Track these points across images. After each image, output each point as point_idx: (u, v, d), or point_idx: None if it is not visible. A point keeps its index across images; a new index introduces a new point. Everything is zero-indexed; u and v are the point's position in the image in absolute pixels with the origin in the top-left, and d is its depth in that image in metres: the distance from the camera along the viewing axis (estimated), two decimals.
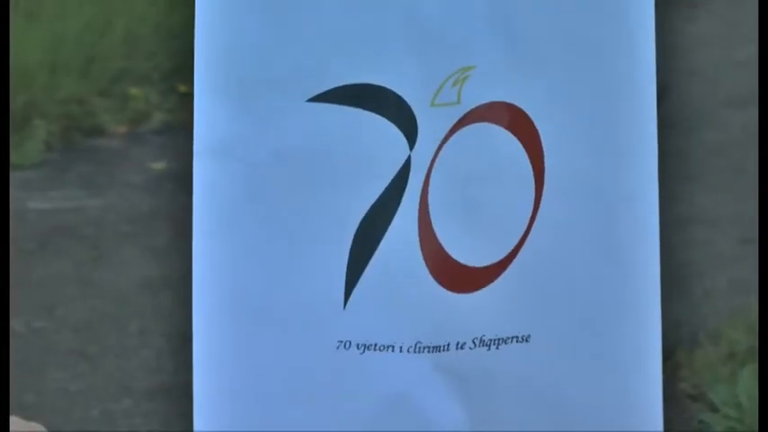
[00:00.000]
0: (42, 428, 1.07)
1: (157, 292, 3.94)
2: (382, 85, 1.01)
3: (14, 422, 1.26)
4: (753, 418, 3.35)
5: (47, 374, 3.60)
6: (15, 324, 3.85)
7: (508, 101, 0.99)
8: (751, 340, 3.62)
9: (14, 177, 4.68)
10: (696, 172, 4.64)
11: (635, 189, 1.02)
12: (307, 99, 1.01)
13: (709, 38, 6.02)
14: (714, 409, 3.33)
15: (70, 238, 4.40)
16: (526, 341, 1.01)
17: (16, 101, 4.92)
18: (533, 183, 1.01)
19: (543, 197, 1.03)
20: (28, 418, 3.46)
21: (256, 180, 1.02)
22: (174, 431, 3.33)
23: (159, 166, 4.73)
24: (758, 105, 0.86)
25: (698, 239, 4.02)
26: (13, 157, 4.76)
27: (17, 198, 4.63)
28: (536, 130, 1.01)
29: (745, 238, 4.11)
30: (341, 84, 1.01)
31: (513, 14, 1.01)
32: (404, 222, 1.02)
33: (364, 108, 1.02)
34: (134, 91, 5.16)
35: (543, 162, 1.02)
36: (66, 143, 4.97)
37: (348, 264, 1.02)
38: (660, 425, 1.07)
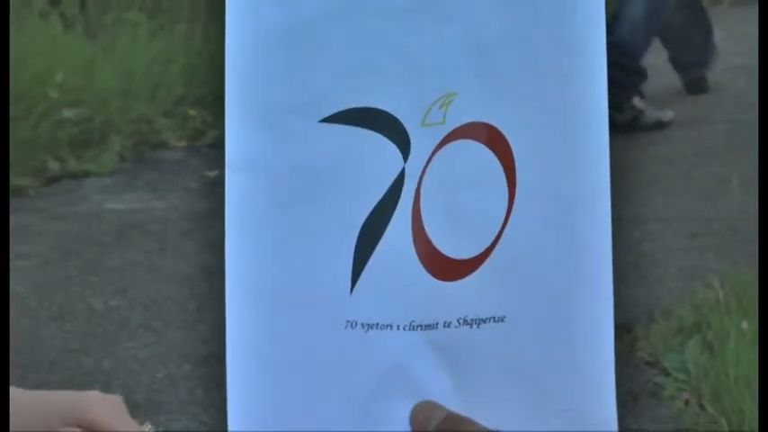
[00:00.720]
0: (119, 398, 1.01)
1: (211, 276, 3.91)
2: (381, 108, 1.00)
3: (94, 395, 1.05)
4: (697, 381, 3.43)
5: (120, 344, 3.67)
6: (95, 303, 3.96)
7: (486, 121, 0.99)
8: (696, 317, 3.69)
9: (93, 183, 4.85)
10: (651, 179, 4.64)
11: (589, 192, 1.01)
12: (319, 120, 0.99)
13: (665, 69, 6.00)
14: (666, 374, 3.41)
15: (139, 232, 4.44)
16: (501, 321, 1.00)
17: (95, 120, 4.97)
18: (506, 189, 1.00)
19: (515, 201, 1.00)
20: (106, 381, 3.43)
21: (276, 188, 1.01)
22: (225, 393, 3.43)
23: (213, 173, 4.74)
24: (758, 105, 0.82)
25: (653, 235, 4.03)
26: (93, 167, 4.89)
27: (96, 200, 4.73)
28: (509, 146, 1.01)
29: (693, 234, 4.13)
30: (347, 107, 1.00)
31: (487, 48, 1.01)
32: (399, 222, 1.00)
33: (366, 127, 1.01)
34: (192, 112, 5.20)
35: (515, 172, 1.00)
36: (137, 155, 4.99)
37: (354, 257, 1.01)
38: (613, 393, 1.02)
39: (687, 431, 3.31)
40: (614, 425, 1.00)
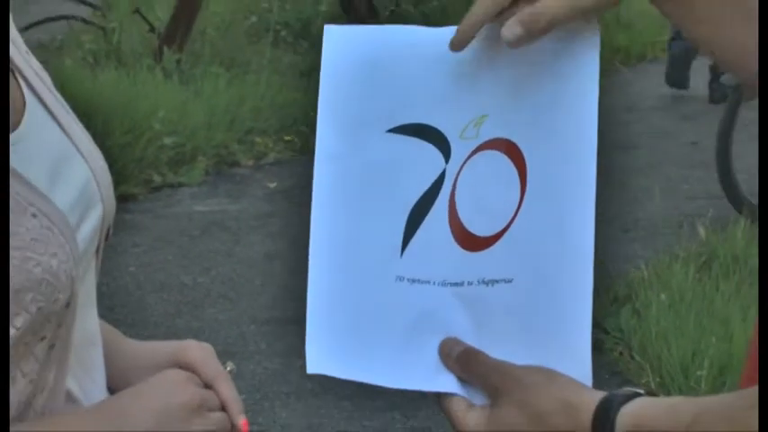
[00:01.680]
0: (210, 345, 1.03)
1: (271, 260, 4.00)
2: (430, 124, 0.99)
3: (191, 342, 1.07)
4: (628, 338, 3.42)
5: (205, 311, 3.68)
6: (186, 279, 3.99)
7: (506, 137, 0.98)
8: (627, 291, 3.66)
9: (185, 191, 4.82)
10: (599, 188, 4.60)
11: (579, 192, 0.98)
12: (385, 131, 0.98)
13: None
14: (606, 332, 3.43)
15: (219, 228, 4.45)
16: (510, 282, 0.98)
17: (187, 146, 4.96)
18: (519, 187, 0.98)
19: (525, 196, 0.99)
20: (194, 338, 3.53)
21: (351, 178, 0.99)
22: (283, 345, 3.30)
23: (272, 185, 4.79)
24: (758, 105, 0.69)
25: (597, 230, 4.09)
26: (185, 179, 4.89)
27: (187, 204, 4.74)
28: (523, 156, 0.98)
29: (625, 229, 4.14)
30: (406, 122, 0.99)
31: (510, 87, 1.00)
32: (439, 207, 0.98)
33: (419, 137, 0.99)
34: (258, 140, 5.18)
35: (526, 175, 0.99)
36: (217, 171, 4.99)
37: (404, 231, 0.98)
38: (589, 334, 0.99)
39: (620, 373, 3.27)
40: (588, 353, 0.97)
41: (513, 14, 0.94)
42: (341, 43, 0.99)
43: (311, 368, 0.93)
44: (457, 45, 0.96)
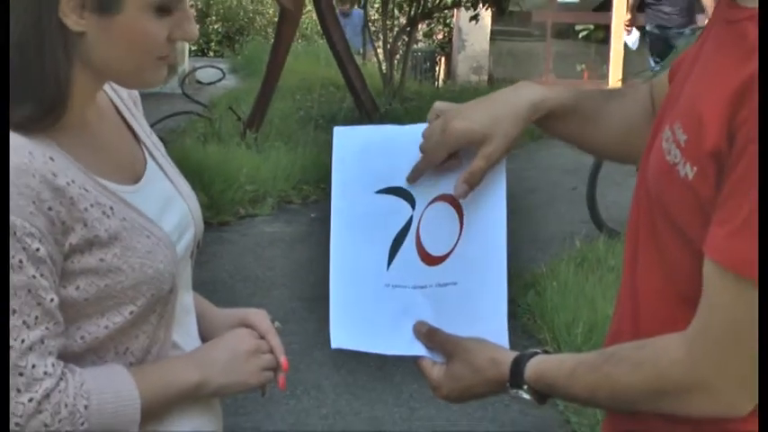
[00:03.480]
0: (279, 324, 0.95)
1: (312, 263, 3.74)
2: (402, 187, 0.94)
3: (251, 309, 0.98)
4: (533, 309, 3.27)
5: (270, 292, 3.57)
6: (258, 273, 3.80)
7: (450, 193, 0.92)
8: (532, 279, 3.52)
9: (259, 219, 4.57)
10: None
11: (495, 223, 0.92)
12: (374, 192, 0.93)
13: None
14: (519, 306, 3.30)
15: (281, 242, 4.34)
16: (456, 284, 0.93)
17: (260, 191, 4.83)
18: (459, 224, 0.93)
19: (463, 229, 0.92)
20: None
21: (354, 220, 0.92)
22: (316, 316, 3.08)
23: (313, 215, 4.69)
24: (758, 104, 0.59)
25: (511, 239, 3.87)
26: (259, 212, 4.64)
27: (260, 227, 4.49)
28: (461, 206, 0.92)
29: (532, 241, 3.96)
30: (388, 186, 0.94)
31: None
32: (409, 239, 0.94)
33: (395, 195, 0.94)
34: (304, 187, 5.06)
35: (463, 217, 0.92)
36: (279, 207, 4.84)
37: (389, 254, 0.94)
38: (505, 314, 0.93)
39: (528, 332, 3.13)
40: (505, 326, 0.92)
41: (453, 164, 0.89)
42: (345, 139, 0.96)
43: (334, 344, 0.91)
44: (411, 180, 0.92)
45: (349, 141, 0.96)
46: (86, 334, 0.80)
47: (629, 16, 5.50)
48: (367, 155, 0.94)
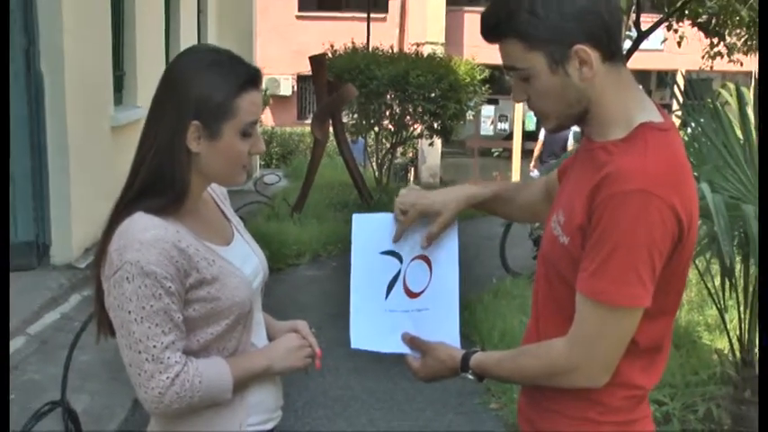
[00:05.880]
0: (314, 330, 1.00)
1: (337, 292, 2.87)
2: (396, 251, 1.03)
3: (297, 321, 1.08)
4: (471, 322, 3.63)
5: (313, 310, 3.99)
6: (305, 300, 4.34)
7: (425, 254, 1.03)
8: (475, 298, 4.07)
9: (301, 267, 5.18)
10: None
11: (450, 270, 1.04)
12: (379, 253, 1.02)
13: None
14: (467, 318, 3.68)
15: (315, 281, 4.95)
16: (428, 310, 1.03)
17: (301, 248, 5.47)
18: (429, 273, 1.03)
19: (431, 276, 1.04)
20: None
21: (365, 271, 1.02)
22: (341, 324, 2.28)
23: (334, 264, 5.38)
24: (758, 104, 0.27)
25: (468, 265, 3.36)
26: (299, 263, 5.27)
27: (302, 272, 5.13)
28: (431, 261, 1.04)
29: (469, 279, 3.35)
30: (386, 250, 1.03)
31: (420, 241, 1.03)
32: (399, 282, 1.04)
33: (391, 256, 1.06)
34: (330, 246, 5.67)
35: (432, 268, 1.04)
36: (312, 259, 5.47)
37: (386, 292, 1.04)
38: (458, 326, 1.06)
39: (469, 339, 3.49)
40: (458, 334, 1.08)
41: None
42: (359, 220, 1.12)
43: (353, 345, 1.07)
44: (395, 240, 1.11)
45: (362, 222, 1.13)
46: (199, 338, 1.02)
47: (534, 163, 6.19)
48: (372, 230, 1.11)
